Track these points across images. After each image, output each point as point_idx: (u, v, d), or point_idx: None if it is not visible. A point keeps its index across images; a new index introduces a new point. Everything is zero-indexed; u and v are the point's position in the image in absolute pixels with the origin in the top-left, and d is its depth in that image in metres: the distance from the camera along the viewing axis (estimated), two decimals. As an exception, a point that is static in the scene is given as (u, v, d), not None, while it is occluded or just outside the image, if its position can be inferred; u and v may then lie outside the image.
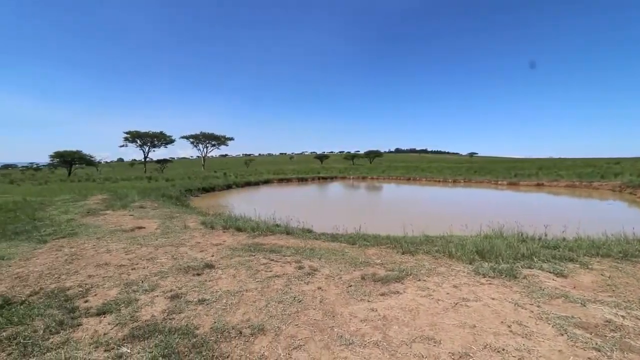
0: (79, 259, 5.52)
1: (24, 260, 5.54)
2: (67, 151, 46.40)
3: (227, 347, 2.88)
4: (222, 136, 73.37)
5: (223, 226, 8.08)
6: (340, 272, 4.84)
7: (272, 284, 4.36)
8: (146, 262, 5.35)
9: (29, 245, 6.56)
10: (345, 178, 38.22)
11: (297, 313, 3.55)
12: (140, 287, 4.26)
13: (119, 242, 6.64)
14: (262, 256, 5.60)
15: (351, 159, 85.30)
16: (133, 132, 62.18)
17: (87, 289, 4.25)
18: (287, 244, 6.65)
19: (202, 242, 6.63)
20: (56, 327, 3.26)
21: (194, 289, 4.17)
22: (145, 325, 3.27)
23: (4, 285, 4.45)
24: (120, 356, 2.76)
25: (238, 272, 4.80)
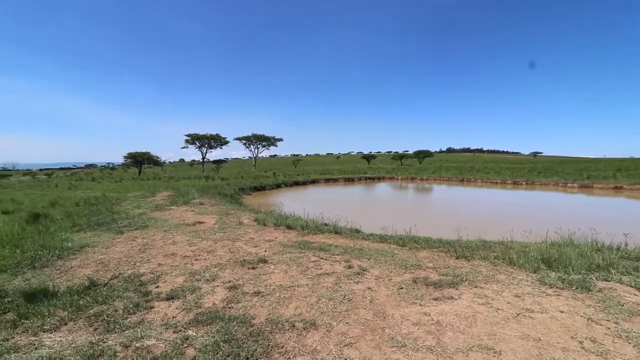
0: (150, 249, 6.18)
1: (106, 248, 6.34)
2: (137, 152, 51.75)
3: (281, 339, 3.03)
4: (272, 137, 76.16)
5: (274, 224, 8.41)
6: (390, 274, 4.78)
7: (322, 282, 4.46)
8: (207, 254, 5.80)
9: (109, 235, 7.48)
10: (393, 178, 37.34)
11: (348, 311, 3.59)
12: (202, 276, 4.65)
13: (183, 235, 7.28)
14: (311, 254, 5.74)
15: (399, 159, 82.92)
16: (193, 134, 67.26)
17: (157, 275, 4.74)
18: (336, 242, 6.72)
19: (255, 238, 6.99)
20: (133, 308, 3.70)
21: (250, 282, 4.43)
22: (207, 311, 3.56)
23: (90, 269, 5.15)
24: (187, 338, 3.04)
25: (289, 268, 4.98)
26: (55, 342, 3.04)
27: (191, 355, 2.77)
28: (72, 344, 2.98)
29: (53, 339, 3.12)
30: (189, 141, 68.03)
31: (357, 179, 35.79)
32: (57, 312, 3.64)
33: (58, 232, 7.65)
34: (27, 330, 3.28)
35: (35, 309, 3.66)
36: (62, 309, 3.69)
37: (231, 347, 2.86)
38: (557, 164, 57.91)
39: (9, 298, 3.95)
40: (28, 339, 3.12)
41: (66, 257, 5.76)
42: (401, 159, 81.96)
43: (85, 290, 4.19)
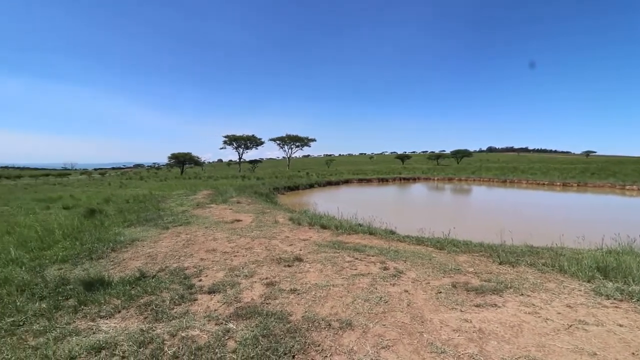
0: (193, 244, 6.51)
1: (153, 243, 6.77)
2: (180, 153, 54.80)
3: (318, 337, 3.05)
4: (305, 138, 77.01)
5: (309, 223, 8.50)
6: (427, 277, 4.64)
7: (358, 282, 4.43)
8: (245, 251, 6.00)
9: (156, 230, 7.99)
10: (429, 179, 36.19)
11: (384, 313, 3.54)
12: (241, 272, 4.81)
13: (222, 232, 7.59)
14: (346, 254, 5.73)
15: (435, 159, 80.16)
16: (230, 135, 69.86)
17: (200, 270, 4.99)
18: (371, 243, 6.65)
19: (290, 237, 7.11)
20: (178, 300, 3.92)
21: (286, 279, 4.52)
22: (246, 306, 3.68)
23: (140, 262, 5.53)
24: (228, 331, 3.16)
25: (324, 267, 5.01)
26: (111, 328, 3.30)
27: (232, 347, 2.88)
28: (125, 331, 3.22)
29: (108, 325, 3.39)
30: (226, 142, 70.80)
31: (391, 180, 35.14)
32: (111, 300, 3.95)
33: (111, 226, 8.30)
34: (86, 315, 3.60)
35: (92, 297, 4.00)
36: (116, 297, 4.01)
37: (269, 342, 2.93)
38: (614, 164, 52.82)
39: (70, 286, 4.35)
40: (87, 324, 3.41)
41: (119, 249, 6.24)
42: (437, 159, 79.20)
43: (136, 281, 4.50)
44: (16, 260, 5.55)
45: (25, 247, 6.33)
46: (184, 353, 2.80)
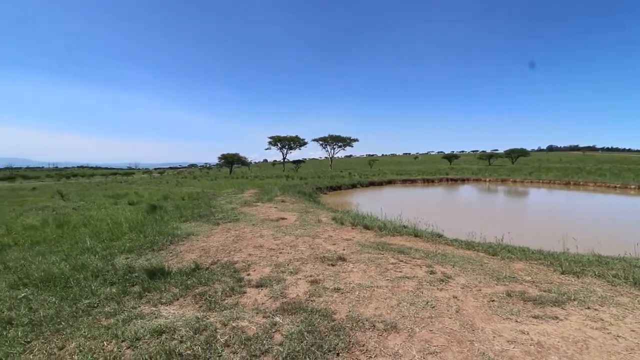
0: (241, 240, 6.84)
1: (206, 237, 7.23)
2: (229, 154, 57.84)
3: (362, 337, 3.05)
4: (347, 138, 76.88)
5: (351, 223, 8.49)
6: (478, 284, 4.40)
7: (403, 285, 4.34)
8: (289, 248, 6.16)
9: (208, 226, 8.52)
10: (479, 180, 34.06)
11: (431, 318, 3.43)
12: (286, 269, 4.96)
13: (268, 229, 7.87)
14: (390, 255, 5.63)
15: (487, 158, 75.10)
16: (275, 136, 72.07)
17: (248, 264, 5.23)
18: (416, 246, 6.46)
19: (333, 236, 7.16)
20: (229, 292, 4.15)
21: (330, 278, 4.57)
22: (292, 302, 3.79)
23: (194, 254, 5.94)
24: (274, 324, 3.29)
25: (368, 268, 4.97)
26: (170, 314, 3.60)
27: (279, 340, 2.99)
28: (183, 317, 3.49)
29: (168, 311, 3.70)
30: (271, 143, 73.19)
31: (437, 180, 33.70)
32: (170, 288, 4.31)
33: (170, 221, 9.02)
34: (149, 301, 3.96)
35: (154, 285, 4.39)
36: (174, 286, 4.36)
37: (314, 338, 2.99)
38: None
39: (136, 274, 4.82)
40: (150, 309, 3.76)
41: (176, 242, 6.77)
42: (489, 159, 74.20)
43: (192, 272, 4.86)
44: (91, 249, 6.28)
45: (98, 238, 7.13)
46: (234, 342, 2.97)
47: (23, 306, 3.89)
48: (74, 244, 6.69)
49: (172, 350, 2.82)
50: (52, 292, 4.28)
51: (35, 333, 3.27)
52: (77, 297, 4.06)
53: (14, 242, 7.19)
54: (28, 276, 4.78)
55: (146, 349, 2.90)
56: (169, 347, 2.87)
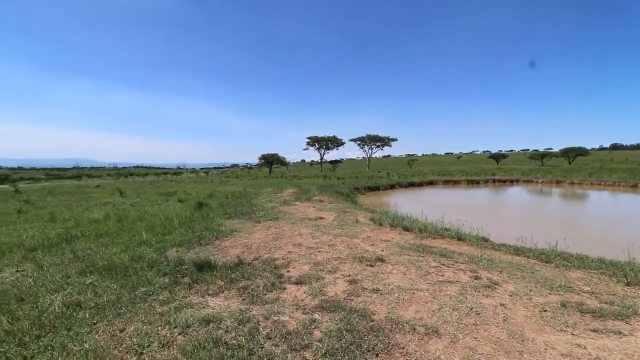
0: (281, 238, 7.04)
1: (248, 234, 7.54)
2: (269, 154, 59.57)
3: (402, 339, 3.01)
4: (385, 137, 75.48)
5: (390, 224, 8.35)
6: (529, 292, 4.12)
7: (444, 289, 4.20)
8: (328, 247, 6.23)
9: (250, 223, 8.87)
10: (530, 182, 31.65)
11: (475, 325, 3.28)
12: (325, 267, 5.03)
13: (307, 228, 8.01)
14: (431, 258, 5.46)
15: (539, 158, 69.32)
16: (313, 137, 72.85)
17: (288, 261, 5.37)
18: (459, 249, 6.20)
19: (372, 237, 7.10)
20: (270, 287, 4.30)
21: (368, 278, 4.55)
22: (330, 300, 3.84)
23: (238, 250, 6.22)
24: (314, 321, 3.35)
25: (408, 270, 4.88)
26: (216, 305, 3.82)
27: (318, 336, 3.05)
28: (228, 309, 3.68)
29: (214, 302, 3.93)
30: (309, 143, 74.05)
31: (482, 182, 31.90)
32: (216, 281, 4.56)
33: (215, 218, 9.53)
34: (198, 292, 4.23)
35: (202, 277, 4.67)
36: (220, 279, 4.61)
37: (353, 337, 3.01)
38: None
39: (185, 266, 5.17)
40: (198, 299, 4.01)
41: (221, 238, 7.14)
42: (542, 159, 68.52)
43: (235, 266, 5.10)
44: (146, 242, 6.83)
45: (152, 232, 7.73)
46: (276, 335, 3.08)
47: (89, 291, 4.34)
48: (132, 236, 7.32)
49: (219, 339, 3.00)
50: (113, 279, 4.73)
51: (100, 316, 3.64)
52: (135, 285, 4.45)
53: (82, 233, 8.03)
54: (94, 264, 5.33)
55: (195, 336, 3.11)
56: (215, 335, 3.06)
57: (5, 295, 4.25)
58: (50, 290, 4.40)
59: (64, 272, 5.09)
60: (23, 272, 5.29)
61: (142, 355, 2.85)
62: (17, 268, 5.49)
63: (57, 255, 6.11)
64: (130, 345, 3.00)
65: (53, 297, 4.15)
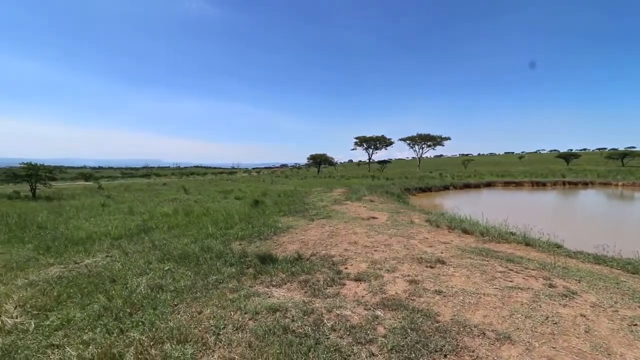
0: (336, 236, 7.16)
1: (304, 231, 7.78)
2: (317, 154, 60.47)
3: (471, 343, 2.91)
4: (438, 136, 72.26)
5: (448, 226, 8.02)
6: (614, 304, 3.72)
7: (514, 295, 3.95)
8: (384, 247, 6.19)
9: (304, 221, 9.14)
10: (608, 184, 28.02)
11: (553, 335, 3.06)
12: (383, 266, 5.02)
13: (360, 227, 8.03)
14: (497, 263, 5.16)
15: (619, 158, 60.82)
16: (361, 137, 72.35)
17: (345, 259, 5.46)
18: (528, 255, 5.77)
19: (429, 238, 6.90)
20: (330, 282, 4.41)
21: (429, 279, 4.44)
22: (391, 298, 3.84)
23: (295, 246, 6.46)
24: (376, 317, 3.39)
25: (472, 274, 4.67)
26: (280, 296, 4.03)
27: (382, 333, 3.08)
28: (292, 300, 3.87)
29: (278, 293, 4.14)
30: (357, 143, 73.67)
31: (549, 184, 29.00)
32: (278, 274, 4.80)
33: (271, 215, 9.99)
34: (262, 282, 4.50)
35: (265, 269, 4.95)
36: (281, 272, 4.84)
37: (418, 336, 2.99)
38: None
39: (249, 258, 5.51)
40: (263, 289, 4.27)
41: (279, 234, 7.47)
42: (622, 158, 60.17)
43: (295, 261, 5.32)
44: (212, 234, 7.40)
45: (216, 226, 8.34)
46: (340, 328, 3.17)
47: (168, 276, 4.84)
48: (199, 229, 7.98)
49: (286, 327, 3.17)
50: (187, 267, 5.22)
51: (179, 299, 4.05)
52: (207, 273, 4.87)
53: (156, 225, 8.94)
54: (170, 253, 5.93)
55: (264, 322, 3.32)
56: (283, 323, 3.24)
57: (100, 277, 4.90)
58: (135, 274, 4.98)
59: (145, 258, 5.73)
60: (112, 257, 6.05)
61: (219, 335, 3.12)
62: (107, 254, 6.29)
63: (138, 244, 6.88)
64: (208, 326, 3.30)
65: (139, 280, 4.69)
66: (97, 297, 4.09)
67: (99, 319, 3.54)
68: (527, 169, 48.57)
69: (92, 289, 4.39)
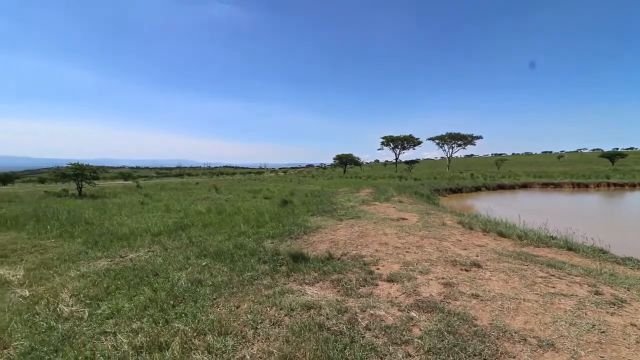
0: (366, 236, 7.15)
1: (333, 231, 7.84)
2: (343, 154, 60.42)
3: (512, 349, 2.83)
4: (469, 135, 69.86)
5: (482, 228, 7.76)
6: (672, 316, 3.46)
7: (557, 302, 3.78)
8: (416, 248, 6.11)
9: (333, 220, 9.19)
10: (661, 186, 25.79)
11: (600, 344, 2.90)
12: (415, 268, 4.96)
13: (390, 228, 7.96)
14: (537, 268, 4.94)
15: (675, 158, 55.84)
16: (388, 136, 71.35)
17: (376, 259, 5.45)
18: (571, 261, 5.47)
19: (463, 241, 6.71)
20: (362, 282, 4.44)
21: (465, 283, 4.35)
22: (426, 300, 3.80)
23: (325, 245, 6.53)
24: (411, 318, 3.37)
25: (510, 278, 4.51)
26: (313, 294, 4.11)
27: (417, 334, 3.06)
28: (325, 298, 3.93)
29: (311, 290, 4.22)
30: (384, 143, 72.71)
31: (592, 185, 27.14)
32: (310, 272, 4.89)
33: (299, 214, 10.14)
34: (295, 280, 4.60)
35: (297, 267, 5.06)
36: (313, 271, 4.93)
37: (456, 339, 2.94)
38: None
39: (281, 256, 5.64)
40: (297, 287, 4.36)
41: (308, 233, 7.58)
42: (679, 159, 55.07)
43: (326, 260, 5.38)
44: (244, 232, 7.64)
45: (247, 224, 8.60)
46: (375, 327, 3.19)
47: (206, 272, 5.06)
48: (232, 227, 8.26)
49: (322, 324, 3.24)
50: (223, 263, 5.44)
51: (217, 293, 4.23)
52: (242, 270, 5.05)
53: (191, 223, 9.35)
54: (206, 249, 6.20)
55: (299, 318, 3.41)
56: (318, 320, 3.31)
57: (144, 270, 5.22)
58: (176, 268, 5.26)
59: (184, 254, 6.03)
60: (153, 252, 6.41)
61: (257, 329, 3.25)
62: (148, 249, 6.68)
63: (176, 240, 7.25)
64: (246, 320, 3.44)
65: (179, 274, 4.95)
66: (142, 289, 4.37)
67: (145, 310, 3.78)
68: (567, 170, 45.70)
69: (137, 281, 4.70)
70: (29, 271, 5.45)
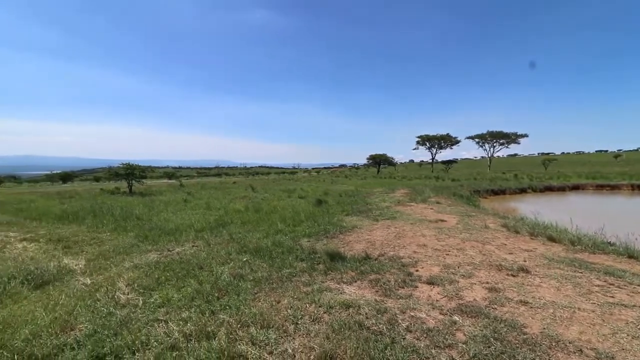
0: (403, 237, 7.03)
1: (369, 231, 7.79)
2: (377, 154, 59.67)
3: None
4: (512, 134, 65.94)
5: (530, 232, 7.30)
6: None
7: (617, 313, 3.48)
8: (456, 251, 5.90)
9: (369, 221, 9.13)
10: None
11: (672, 362, 2.63)
12: (457, 271, 4.80)
13: (428, 230, 7.75)
14: (593, 276, 4.57)
15: None
16: (423, 135, 69.34)
17: (415, 261, 5.35)
18: (632, 269, 4.99)
19: (508, 245, 6.37)
20: (401, 283, 4.37)
21: (512, 288, 4.13)
22: (469, 305, 3.66)
23: (362, 245, 6.51)
24: (454, 322, 3.27)
25: (562, 286, 4.21)
26: (352, 293, 4.12)
27: (461, 339, 2.97)
28: (363, 297, 3.93)
29: (350, 290, 4.24)
30: (419, 142, 70.73)
31: (657, 187, 24.44)
32: (348, 271, 4.91)
33: (334, 214, 10.19)
34: (333, 279, 4.64)
35: (334, 266, 5.10)
36: (351, 270, 4.94)
37: (503, 346, 2.82)
38: None
39: (318, 254, 5.72)
40: (335, 285, 4.40)
41: (344, 233, 7.60)
42: None
43: (363, 260, 5.37)
44: (281, 231, 7.82)
45: (284, 223, 8.79)
46: (416, 329, 3.14)
47: (247, 267, 5.26)
48: (269, 225, 8.50)
49: (361, 323, 3.25)
50: (262, 260, 5.62)
51: (258, 288, 4.39)
52: (280, 267, 5.19)
53: (230, 220, 9.74)
54: (246, 246, 6.44)
55: (339, 316, 3.44)
56: (357, 319, 3.32)
57: (189, 264, 5.53)
58: (219, 262, 5.52)
59: (226, 250, 6.31)
60: (197, 247, 6.77)
61: (297, 325, 3.33)
62: (193, 244, 7.06)
63: (218, 237, 7.59)
64: (286, 315, 3.53)
65: (222, 268, 5.19)
66: (189, 281, 4.64)
67: (192, 300, 4.02)
68: (625, 170, 41.50)
69: (184, 273, 5.00)
70: (89, 261, 6.00)
